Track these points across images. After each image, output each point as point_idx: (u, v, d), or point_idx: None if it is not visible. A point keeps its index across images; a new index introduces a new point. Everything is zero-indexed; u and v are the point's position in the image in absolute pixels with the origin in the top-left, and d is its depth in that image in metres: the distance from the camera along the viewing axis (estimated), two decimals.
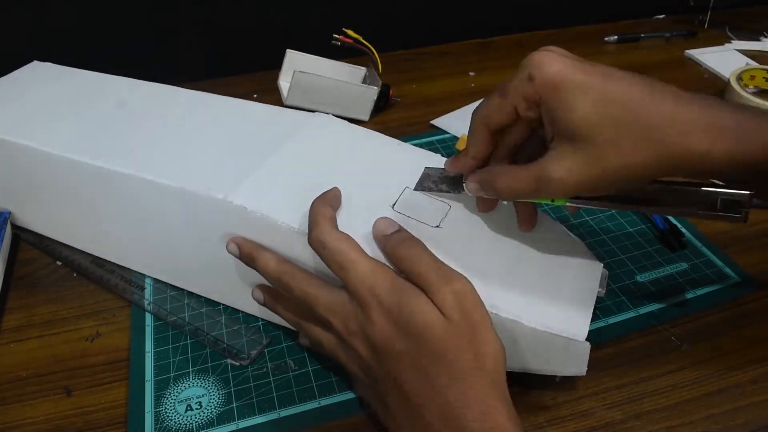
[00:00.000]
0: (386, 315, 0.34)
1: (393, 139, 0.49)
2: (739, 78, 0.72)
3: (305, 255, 0.39)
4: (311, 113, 0.50)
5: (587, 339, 0.37)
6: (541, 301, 0.38)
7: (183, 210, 0.43)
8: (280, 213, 0.40)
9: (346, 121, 0.50)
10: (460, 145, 0.65)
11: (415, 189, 0.42)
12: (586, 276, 0.42)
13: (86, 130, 0.49)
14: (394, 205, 0.41)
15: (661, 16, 0.97)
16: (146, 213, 0.46)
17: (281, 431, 0.40)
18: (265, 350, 0.44)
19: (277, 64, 0.74)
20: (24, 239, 0.55)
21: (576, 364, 0.38)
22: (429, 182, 0.42)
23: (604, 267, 0.43)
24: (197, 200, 0.42)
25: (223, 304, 0.48)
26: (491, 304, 0.35)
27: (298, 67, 0.68)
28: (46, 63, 0.60)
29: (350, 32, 0.71)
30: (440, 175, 0.42)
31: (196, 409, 0.41)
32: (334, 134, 0.48)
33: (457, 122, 0.70)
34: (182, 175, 0.43)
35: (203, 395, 0.42)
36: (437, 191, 0.42)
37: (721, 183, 0.36)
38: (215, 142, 0.47)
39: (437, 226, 0.40)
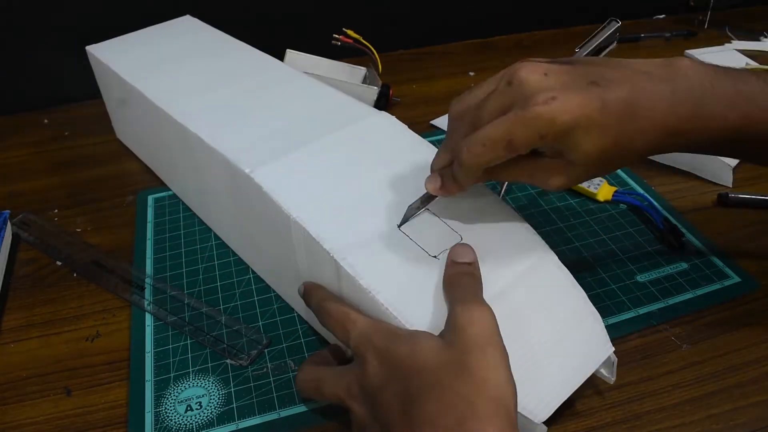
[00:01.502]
0: (378, 358, 0.33)
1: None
2: None
3: (298, 241, 0.40)
4: (377, 110, 0.49)
5: (546, 423, 0.35)
6: (521, 370, 0.33)
7: (224, 175, 0.46)
8: (289, 199, 0.40)
9: (405, 126, 0.47)
10: None
11: (399, 226, 0.39)
12: (587, 354, 0.38)
13: (183, 85, 0.54)
14: (400, 225, 0.39)
15: (661, 16, 0.97)
16: (202, 170, 0.50)
17: None
18: (265, 350, 0.44)
19: None
20: (24, 239, 0.55)
21: None
22: (411, 211, 0.40)
23: (614, 353, 0.38)
24: (232, 169, 0.44)
25: (223, 305, 0.48)
26: None
27: (298, 67, 0.68)
28: (195, 19, 0.68)
29: (350, 32, 0.71)
30: (420, 200, 0.40)
31: (196, 409, 0.41)
32: (384, 135, 0.46)
33: None
34: (231, 143, 0.45)
35: (203, 395, 0.42)
36: (418, 211, 0.40)
37: None
38: (278, 118, 0.49)
39: (435, 257, 0.38)
